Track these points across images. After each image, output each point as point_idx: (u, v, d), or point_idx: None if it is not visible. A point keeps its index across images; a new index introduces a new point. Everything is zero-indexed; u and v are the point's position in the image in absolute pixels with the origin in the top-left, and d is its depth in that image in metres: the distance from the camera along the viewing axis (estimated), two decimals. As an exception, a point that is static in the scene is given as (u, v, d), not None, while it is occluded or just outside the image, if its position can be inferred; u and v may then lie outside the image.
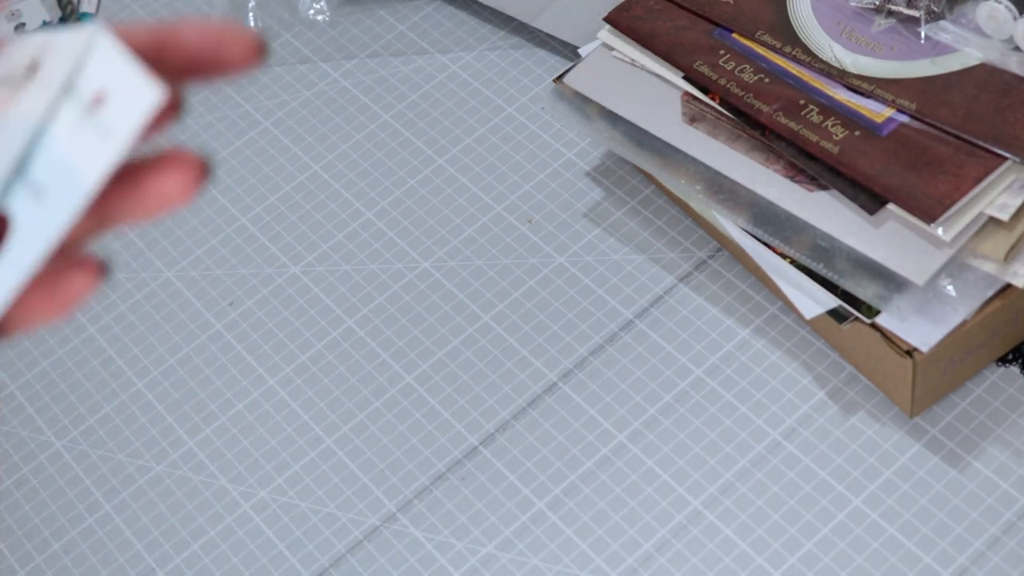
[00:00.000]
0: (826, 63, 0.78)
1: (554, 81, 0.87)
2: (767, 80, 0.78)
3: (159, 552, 0.79)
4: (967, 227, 0.72)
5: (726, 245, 0.85)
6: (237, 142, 0.98)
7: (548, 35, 0.99)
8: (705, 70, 0.80)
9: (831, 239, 0.74)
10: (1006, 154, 0.72)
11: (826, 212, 0.75)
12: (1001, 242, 0.72)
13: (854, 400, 0.78)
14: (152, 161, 0.35)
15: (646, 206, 0.89)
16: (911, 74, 0.77)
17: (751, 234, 0.78)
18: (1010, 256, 0.72)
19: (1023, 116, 0.73)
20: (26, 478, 0.84)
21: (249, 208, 0.94)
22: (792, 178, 0.76)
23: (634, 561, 0.74)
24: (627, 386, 0.81)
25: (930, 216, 0.71)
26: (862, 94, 0.77)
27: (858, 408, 0.78)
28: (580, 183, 0.91)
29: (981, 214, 0.72)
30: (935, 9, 0.78)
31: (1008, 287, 0.73)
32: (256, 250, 0.92)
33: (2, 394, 0.88)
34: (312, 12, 1.04)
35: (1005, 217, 0.71)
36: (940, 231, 0.71)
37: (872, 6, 0.80)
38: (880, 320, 0.73)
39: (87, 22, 0.35)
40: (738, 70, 0.79)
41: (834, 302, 0.75)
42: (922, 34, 0.78)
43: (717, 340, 0.82)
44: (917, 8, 0.79)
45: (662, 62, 0.81)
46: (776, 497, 0.75)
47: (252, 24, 1.04)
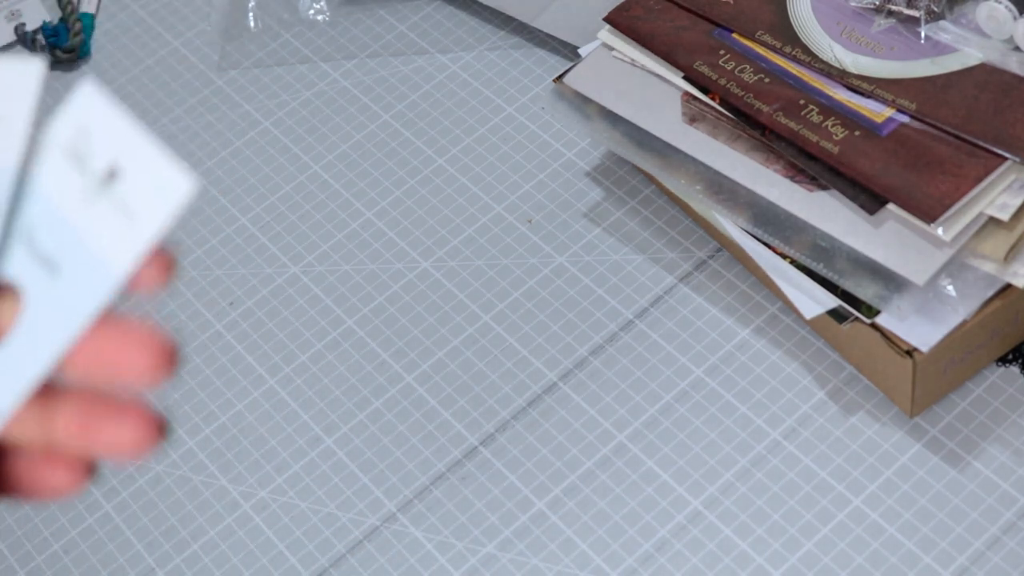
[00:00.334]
0: (826, 63, 0.78)
1: (554, 81, 0.87)
2: (767, 80, 0.78)
3: (159, 552, 0.79)
4: (967, 227, 0.72)
5: (726, 245, 0.85)
6: (237, 142, 0.98)
7: (548, 35, 0.99)
8: (705, 70, 0.80)
9: (831, 239, 0.74)
10: (1006, 154, 0.72)
11: (826, 212, 0.75)
12: (1001, 242, 0.72)
13: (854, 400, 0.78)
14: (107, 399, 0.29)
15: (646, 206, 0.89)
16: (911, 74, 0.77)
17: (751, 234, 0.78)
18: (1010, 256, 0.72)
19: (1023, 116, 0.73)
20: (26, 478, 0.84)
21: (249, 208, 0.94)
22: (792, 178, 0.76)
23: (634, 561, 0.74)
24: (627, 386, 0.81)
25: (930, 216, 0.71)
26: (862, 94, 0.77)
27: (858, 408, 0.78)
28: (580, 183, 0.91)
29: (981, 214, 0.72)
30: (935, 9, 0.78)
31: (1008, 287, 0.73)
32: (256, 250, 0.92)
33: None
34: (312, 12, 1.04)
35: (1005, 217, 0.71)
36: (940, 231, 0.71)
37: (872, 6, 0.80)
38: (880, 320, 0.73)
39: (29, 57, 0.33)
40: (738, 70, 0.79)
41: (834, 302, 0.75)
42: (922, 34, 0.78)
43: (717, 340, 0.82)
44: (917, 8, 0.79)
45: (662, 62, 0.81)
46: (776, 497, 0.75)
47: (252, 24, 1.04)
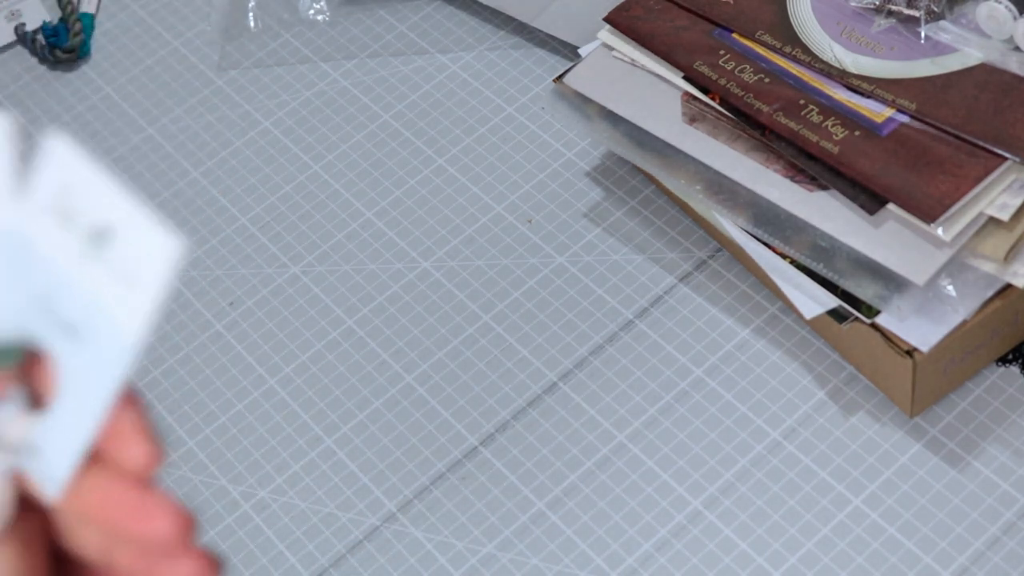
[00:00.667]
0: (826, 63, 0.78)
1: (554, 81, 0.87)
2: (767, 80, 0.78)
3: (159, 552, 0.79)
4: (967, 227, 0.72)
5: (726, 245, 0.85)
6: (237, 142, 0.98)
7: (548, 35, 0.99)
8: (705, 70, 0.80)
9: (831, 239, 0.74)
10: (1006, 154, 0.72)
11: (826, 212, 0.75)
12: (1001, 242, 0.72)
13: (854, 400, 0.78)
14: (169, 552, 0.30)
15: (646, 206, 0.89)
16: (911, 74, 0.77)
17: (751, 234, 0.78)
18: (1010, 256, 0.72)
19: (1023, 116, 0.73)
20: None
21: (249, 208, 0.94)
22: (792, 178, 0.76)
23: (634, 561, 0.74)
24: (627, 386, 0.81)
25: (930, 216, 0.71)
26: (862, 94, 0.77)
27: (858, 408, 0.78)
28: (580, 183, 0.91)
29: (981, 214, 0.72)
30: (935, 9, 0.78)
31: (1008, 287, 0.73)
32: (256, 250, 0.92)
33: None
34: (312, 12, 1.04)
35: (1005, 217, 0.71)
36: (940, 231, 0.71)
37: (872, 6, 0.80)
38: (880, 320, 0.73)
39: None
40: (738, 70, 0.79)
41: (834, 302, 0.75)
42: (922, 34, 0.78)
43: (717, 340, 0.82)
44: (917, 8, 0.79)
45: (662, 62, 0.81)
46: (776, 497, 0.75)
47: (252, 24, 1.04)
